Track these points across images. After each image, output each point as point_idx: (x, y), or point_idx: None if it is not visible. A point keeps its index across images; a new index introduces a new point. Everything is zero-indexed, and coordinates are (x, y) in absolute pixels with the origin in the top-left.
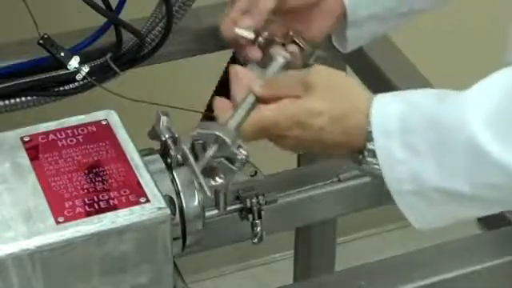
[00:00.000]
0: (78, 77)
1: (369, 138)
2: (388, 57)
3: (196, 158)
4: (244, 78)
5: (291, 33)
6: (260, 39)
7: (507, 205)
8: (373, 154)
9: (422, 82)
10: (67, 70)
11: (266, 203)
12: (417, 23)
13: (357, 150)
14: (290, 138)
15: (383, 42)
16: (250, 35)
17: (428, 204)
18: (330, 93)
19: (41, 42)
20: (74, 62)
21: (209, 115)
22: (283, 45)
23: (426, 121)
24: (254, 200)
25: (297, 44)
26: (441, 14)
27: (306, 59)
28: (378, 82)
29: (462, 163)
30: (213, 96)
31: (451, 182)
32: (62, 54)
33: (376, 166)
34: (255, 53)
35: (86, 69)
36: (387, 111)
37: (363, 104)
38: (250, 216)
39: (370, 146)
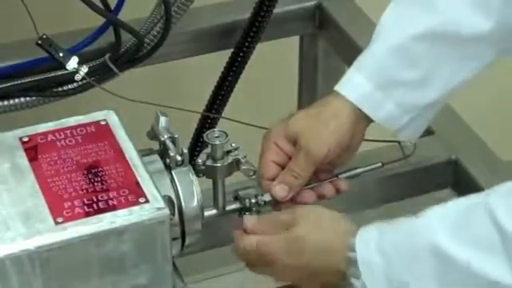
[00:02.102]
0: (77, 77)
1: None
2: None
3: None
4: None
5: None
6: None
7: None
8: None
9: None
10: (66, 70)
11: (264, 203)
12: None
13: (339, 273)
14: (280, 266)
15: None
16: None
17: None
18: (311, 224)
19: (39, 42)
20: (72, 63)
21: (208, 115)
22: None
23: (399, 233)
24: (252, 200)
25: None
26: None
27: None
28: None
29: (430, 269)
30: (212, 96)
31: (420, 280)
32: (61, 55)
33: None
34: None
35: (84, 69)
36: (367, 237)
37: (341, 233)
38: None
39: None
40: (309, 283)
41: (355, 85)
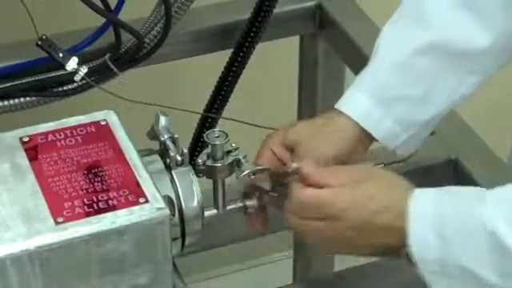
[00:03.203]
0: (77, 77)
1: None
2: None
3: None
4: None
5: None
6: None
7: None
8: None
9: None
10: (66, 70)
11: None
12: None
13: (399, 235)
14: (343, 219)
15: None
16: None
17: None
18: (380, 182)
19: (39, 43)
20: (72, 63)
21: (208, 116)
22: None
23: (458, 217)
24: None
25: None
26: None
27: None
28: None
29: (486, 253)
30: (212, 96)
31: (477, 265)
32: (61, 55)
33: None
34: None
35: (84, 69)
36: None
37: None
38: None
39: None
40: (362, 243)
41: (356, 102)
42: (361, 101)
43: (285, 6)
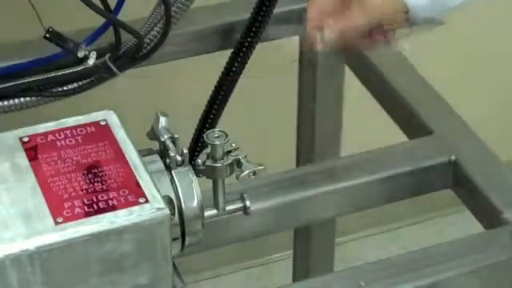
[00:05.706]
0: (90, 61)
1: None
2: (387, 57)
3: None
4: None
5: None
6: None
7: None
8: None
9: (422, 81)
10: (67, 70)
11: None
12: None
13: None
14: None
15: None
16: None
17: None
18: None
19: (47, 35)
20: (82, 52)
21: (208, 115)
22: None
23: None
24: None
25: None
26: None
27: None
28: (377, 82)
29: None
30: (212, 96)
31: None
32: (71, 45)
33: None
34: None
35: (93, 55)
36: None
37: None
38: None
39: None
40: None
41: None
42: None
43: (285, 6)
